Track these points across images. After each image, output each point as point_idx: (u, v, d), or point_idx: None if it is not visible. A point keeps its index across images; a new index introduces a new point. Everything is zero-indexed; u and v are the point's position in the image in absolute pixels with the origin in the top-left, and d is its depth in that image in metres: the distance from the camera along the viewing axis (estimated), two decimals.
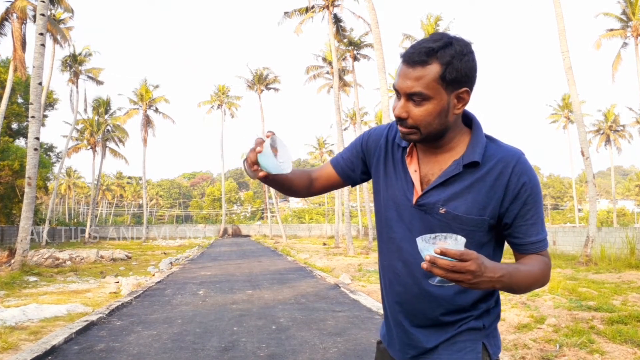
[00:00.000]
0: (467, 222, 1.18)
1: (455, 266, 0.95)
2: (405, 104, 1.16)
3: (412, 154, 1.27)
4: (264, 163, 1.13)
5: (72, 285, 10.48)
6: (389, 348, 1.36)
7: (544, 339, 5.04)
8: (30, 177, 12.46)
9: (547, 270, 1.20)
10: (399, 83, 1.16)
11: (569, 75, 14.48)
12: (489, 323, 1.26)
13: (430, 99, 1.14)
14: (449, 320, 1.24)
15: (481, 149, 1.20)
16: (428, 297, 1.23)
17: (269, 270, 13.39)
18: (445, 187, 1.20)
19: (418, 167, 1.26)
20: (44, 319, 6.37)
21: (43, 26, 12.99)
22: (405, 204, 1.25)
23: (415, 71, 1.13)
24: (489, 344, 1.25)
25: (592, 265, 13.15)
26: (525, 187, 1.18)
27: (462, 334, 1.23)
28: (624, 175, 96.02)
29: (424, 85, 1.12)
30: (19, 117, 31.13)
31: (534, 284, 1.17)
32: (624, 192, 79.12)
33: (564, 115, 45.57)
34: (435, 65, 1.12)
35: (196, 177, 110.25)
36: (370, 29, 17.29)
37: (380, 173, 1.34)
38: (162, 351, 4.84)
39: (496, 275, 1.03)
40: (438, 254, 0.95)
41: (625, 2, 26.45)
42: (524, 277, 1.13)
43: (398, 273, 1.28)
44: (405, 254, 1.25)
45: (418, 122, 1.16)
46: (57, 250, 19.39)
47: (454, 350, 1.22)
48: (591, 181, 14.46)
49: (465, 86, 1.17)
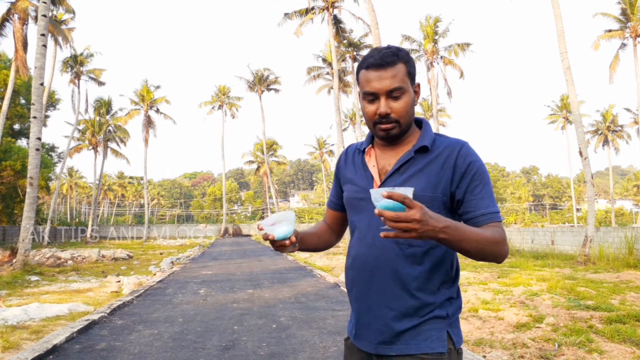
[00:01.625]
0: (422, 200, 1.27)
1: (399, 217, 1.02)
2: (387, 102, 1.31)
3: (370, 153, 1.43)
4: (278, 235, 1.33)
5: (74, 284, 10.52)
6: (357, 341, 1.40)
7: (543, 338, 5.07)
8: (32, 177, 12.51)
9: (500, 237, 1.22)
10: (373, 86, 1.31)
11: (567, 76, 14.51)
12: (451, 312, 1.34)
13: (406, 92, 1.32)
14: (415, 303, 1.31)
15: (430, 138, 1.36)
16: (394, 279, 1.32)
17: (269, 270, 13.43)
18: (400, 173, 1.34)
19: (376, 162, 1.41)
20: (46, 318, 6.41)
21: (44, 27, 13.04)
22: (366, 196, 1.35)
23: (388, 71, 1.30)
24: (453, 333, 1.33)
25: (590, 264, 13.17)
26: (472, 166, 1.31)
27: (427, 323, 1.30)
28: (622, 175, 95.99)
29: (400, 80, 1.30)
30: (21, 118, 31.18)
31: (485, 247, 1.18)
32: (622, 192, 79.09)
33: (563, 116, 45.57)
34: (401, 64, 1.31)
35: (197, 177, 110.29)
36: (370, 30, 17.31)
37: (345, 179, 1.50)
38: (163, 350, 4.88)
39: (440, 225, 1.08)
40: (385, 197, 1.02)
41: (624, 3, 26.46)
42: (472, 234, 1.16)
43: (365, 259, 1.37)
44: (369, 239, 1.36)
45: (400, 115, 1.32)
46: (59, 249, 19.43)
47: (421, 339, 1.29)
48: (589, 181, 14.49)
49: (417, 82, 1.37)
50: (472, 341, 5.05)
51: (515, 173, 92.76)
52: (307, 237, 1.53)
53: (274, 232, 1.31)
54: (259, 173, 53.46)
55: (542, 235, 19.27)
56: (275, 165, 53.76)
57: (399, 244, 1.32)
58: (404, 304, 1.31)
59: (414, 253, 1.31)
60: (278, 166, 55.71)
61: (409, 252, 1.31)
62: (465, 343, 5.00)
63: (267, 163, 46.31)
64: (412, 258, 1.31)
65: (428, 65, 27.62)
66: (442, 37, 27.33)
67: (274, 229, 1.32)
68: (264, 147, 45.76)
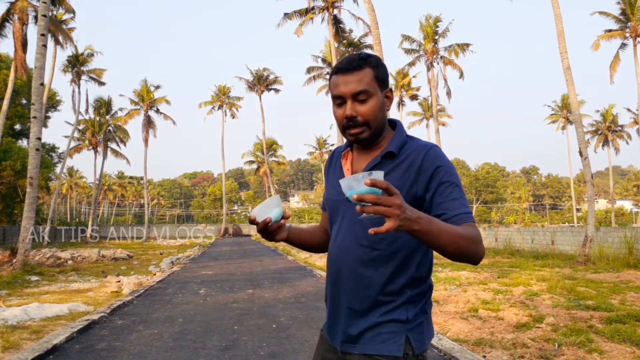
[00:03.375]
0: None
1: (381, 199, 1.02)
2: (353, 105, 1.34)
3: (347, 157, 1.47)
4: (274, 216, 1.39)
5: (74, 284, 10.53)
6: (328, 336, 1.45)
7: (543, 338, 5.08)
8: (32, 177, 12.51)
9: (475, 236, 1.20)
10: (340, 89, 1.34)
11: (567, 76, 14.51)
12: (412, 316, 1.32)
13: (373, 95, 1.34)
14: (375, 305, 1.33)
15: (399, 143, 1.38)
16: (356, 280, 1.35)
17: (269, 270, 13.43)
18: None
19: (351, 166, 1.45)
20: (46, 318, 6.41)
21: (45, 27, 13.04)
22: (339, 200, 1.41)
23: (354, 76, 1.33)
24: (413, 338, 1.31)
25: (590, 264, 13.17)
26: (440, 169, 1.31)
27: (386, 325, 1.31)
28: (622, 175, 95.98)
29: (366, 83, 1.33)
30: (22, 119, 31.19)
31: (460, 243, 1.15)
32: (622, 192, 79.13)
33: (563, 116, 45.57)
34: (368, 69, 1.35)
35: (197, 177, 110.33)
36: (370, 30, 17.31)
37: (327, 183, 1.54)
38: (163, 350, 4.88)
39: (414, 215, 1.07)
40: (368, 184, 1.02)
41: (624, 3, 26.46)
42: (446, 227, 1.14)
43: (334, 260, 1.42)
44: (338, 241, 1.41)
45: (367, 117, 1.34)
46: (59, 249, 19.43)
47: (378, 342, 1.31)
48: (589, 181, 14.49)
49: (389, 87, 1.40)
50: (472, 341, 5.05)
51: (515, 173, 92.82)
52: (300, 231, 1.58)
53: (269, 214, 1.35)
54: (259, 173, 53.47)
55: (542, 235, 19.27)
56: (275, 165, 53.77)
57: (363, 246, 1.35)
58: (365, 305, 1.34)
59: (377, 256, 1.33)
60: (278, 166, 55.71)
61: (372, 255, 1.34)
62: (465, 343, 5.00)
63: (267, 163, 46.33)
64: (374, 261, 1.33)
65: (428, 65, 27.63)
66: (442, 37, 27.34)
67: (269, 212, 1.36)
68: (264, 147, 45.77)
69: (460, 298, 7.63)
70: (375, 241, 1.33)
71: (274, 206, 1.38)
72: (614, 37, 26.97)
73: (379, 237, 1.32)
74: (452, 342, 4.94)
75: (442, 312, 6.64)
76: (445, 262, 15.25)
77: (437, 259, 16.83)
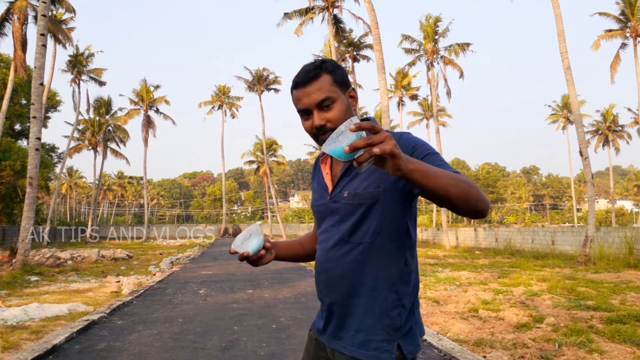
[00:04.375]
0: (366, 196, 1.33)
1: (371, 139, 0.99)
2: (319, 114, 1.35)
3: (326, 162, 1.49)
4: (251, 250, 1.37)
5: (74, 284, 10.52)
6: (321, 334, 1.46)
7: (543, 338, 5.07)
8: (31, 177, 12.50)
9: (473, 182, 1.17)
10: (304, 102, 1.36)
11: (567, 76, 14.51)
12: (404, 320, 1.34)
13: (337, 100, 1.35)
14: (373, 298, 1.33)
15: None
16: (350, 277, 1.35)
17: (269, 270, 13.42)
18: (348, 176, 1.39)
19: (330, 170, 1.47)
20: (45, 318, 6.40)
21: (44, 27, 13.03)
22: (323, 203, 1.45)
23: (313, 86, 1.35)
24: (404, 344, 1.32)
25: (590, 264, 13.17)
26: (416, 147, 1.31)
27: (379, 331, 1.31)
28: (622, 175, 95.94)
29: (327, 90, 1.34)
30: (21, 118, 31.18)
31: (460, 183, 1.12)
32: (623, 192, 79.12)
33: (563, 116, 45.57)
34: (325, 75, 1.36)
35: (197, 177, 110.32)
36: (370, 29, 17.29)
37: (312, 189, 1.56)
38: (163, 350, 4.88)
39: (405, 155, 1.05)
40: (353, 130, 1.00)
41: (624, 3, 26.43)
42: (442, 170, 1.13)
43: (323, 260, 1.43)
44: (325, 242, 1.43)
45: (336, 122, 1.34)
46: (59, 249, 19.42)
47: (371, 348, 1.31)
48: (590, 181, 14.49)
49: (350, 87, 1.41)
50: (472, 341, 5.04)
51: (515, 173, 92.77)
52: (287, 245, 1.58)
53: (248, 249, 1.34)
54: (259, 173, 53.43)
55: (542, 235, 19.26)
56: (275, 165, 53.73)
57: (349, 243, 1.36)
58: (358, 303, 1.35)
59: (364, 250, 1.34)
60: (278, 166, 55.66)
61: (359, 250, 1.34)
62: (466, 343, 4.99)
63: (267, 163, 46.31)
64: (362, 255, 1.34)
65: (428, 65, 27.60)
66: (442, 37, 27.31)
67: (246, 245, 1.35)
68: (264, 147, 45.75)
69: (460, 298, 7.62)
70: (360, 235, 1.34)
71: (254, 236, 1.37)
72: (615, 37, 26.94)
73: (364, 229, 1.33)
74: (453, 343, 4.93)
75: (443, 312, 6.63)
76: (445, 262, 15.25)
77: (437, 259, 16.83)
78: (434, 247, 26.29)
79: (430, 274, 11.29)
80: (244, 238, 1.37)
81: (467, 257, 18.03)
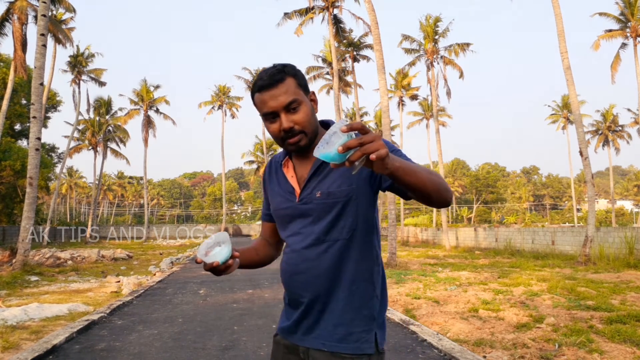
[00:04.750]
0: (341, 194, 1.37)
1: (362, 138, 1.01)
2: (287, 116, 1.36)
3: (288, 165, 1.50)
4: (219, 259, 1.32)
5: (74, 284, 10.52)
6: (291, 335, 1.46)
7: (543, 338, 5.07)
8: (31, 177, 12.50)
9: (438, 174, 1.24)
10: (270, 105, 1.36)
11: (567, 76, 14.51)
12: (378, 310, 1.41)
13: (302, 102, 1.38)
14: (352, 292, 1.38)
15: None
16: (330, 273, 1.38)
17: (269, 270, 13.41)
18: (316, 177, 1.41)
19: (294, 173, 1.48)
20: (45, 318, 6.40)
21: (44, 27, 13.03)
22: (290, 206, 1.45)
23: (279, 89, 1.35)
24: (380, 334, 1.40)
25: (590, 264, 13.17)
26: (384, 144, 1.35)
27: (358, 323, 1.37)
28: (622, 175, 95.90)
29: (293, 93, 1.36)
30: (21, 118, 31.18)
31: (433, 177, 1.18)
32: (623, 192, 79.10)
33: (563, 116, 45.54)
34: (290, 78, 1.37)
35: (197, 177, 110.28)
36: (370, 29, 17.29)
37: (270, 193, 1.56)
38: (163, 350, 4.88)
39: (391, 155, 1.08)
40: (345, 131, 1.02)
41: (623, 3, 26.43)
42: (419, 166, 1.18)
43: (297, 262, 1.43)
44: (300, 243, 1.43)
45: (303, 125, 1.37)
46: (59, 250, 19.42)
47: (352, 341, 1.35)
48: (590, 181, 14.49)
49: (310, 90, 1.44)
50: (472, 341, 5.04)
51: (515, 173, 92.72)
52: (245, 252, 1.56)
53: (217, 259, 1.30)
54: (259, 173, 53.46)
55: (542, 235, 19.26)
56: None
57: (326, 241, 1.39)
58: (338, 298, 1.38)
59: (342, 246, 1.38)
60: None
61: (337, 246, 1.38)
62: (466, 343, 4.99)
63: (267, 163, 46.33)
64: (341, 251, 1.38)
65: (428, 65, 27.60)
66: (442, 37, 27.31)
67: (215, 255, 1.30)
68: (264, 147, 45.77)
69: (460, 298, 7.62)
70: (336, 233, 1.38)
71: (225, 245, 1.32)
72: (615, 37, 26.94)
73: (340, 226, 1.37)
74: (453, 343, 4.93)
75: (442, 312, 6.63)
76: (445, 262, 15.25)
77: (437, 259, 16.83)
78: (434, 247, 26.29)
79: (430, 274, 11.29)
80: (208, 246, 1.32)
81: (467, 257, 18.04)
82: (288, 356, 1.46)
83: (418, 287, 9.02)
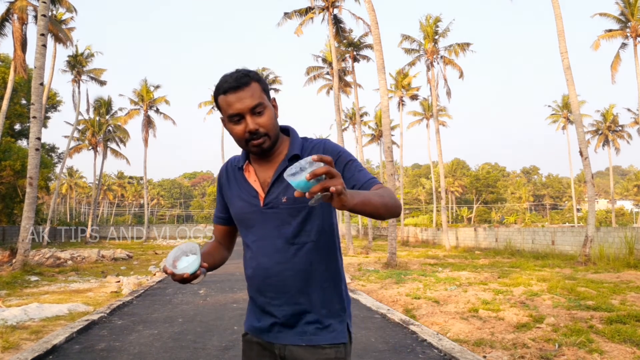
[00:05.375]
0: (306, 200, 1.38)
1: (330, 170, 1.06)
2: (252, 119, 1.40)
3: (249, 170, 1.52)
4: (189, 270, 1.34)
5: (74, 284, 10.52)
6: (264, 334, 1.49)
7: (543, 338, 5.07)
8: (31, 177, 12.49)
9: (390, 191, 1.35)
10: (236, 107, 1.39)
11: (567, 76, 14.51)
12: (347, 302, 1.51)
13: (267, 106, 1.42)
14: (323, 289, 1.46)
15: (299, 145, 1.50)
16: (301, 274, 1.44)
17: None
18: (280, 182, 1.45)
19: (256, 177, 1.50)
20: (45, 318, 6.40)
21: (44, 27, 13.02)
22: (254, 210, 1.48)
23: (245, 92, 1.39)
24: (349, 324, 1.51)
25: (590, 265, 13.17)
26: (341, 154, 1.47)
27: (333, 317, 1.46)
28: (622, 175, 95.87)
29: (258, 97, 1.41)
30: (21, 118, 31.18)
31: (386, 199, 1.28)
32: (623, 192, 79.09)
33: (563, 116, 45.53)
34: (255, 83, 1.42)
35: (197, 177, 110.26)
36: (370, 29, 17.29)
37: (229, 196, 1.58)
38: (163, 350, 4.88)
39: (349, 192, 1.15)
40: (316, 160, 1.07)
41: (623, 3, 26.43)
42: (371, 194, 1.27)
43: (267, 266, 1.46)
44: (268, 247, 1.47)
45: (267, 128, 1.42)
46: (59, 250, 19.41)
47: (329, 332, 1.44)
48: (590, 181, 14.49)
49: (272, 97, 1.50)
50: (472, 341, 5.04)
51: (515, 173, 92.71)
52: (203, 258, 1.58)
53: (188, 270, 1.32)
54: None
55: (542, 235, 19.26)
56: None
57: (295, 244, 1.44)
58: (312, 298, 1.45)
59: (312, 248, 1.45)
60: None
61: (306, 249, 1.45)
62: (466, 343, 4.99)
63: None
64: (310, 253, 1.45)
65: (428, 65, 27.61)
66: (442, 37, 27.31)
67: (187, 267, 1.31)
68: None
69: (460, 298, 7.62)
70: (304, 236, 1.44)
71: (196, 256, 1.33)
72: (615, 37, 26.93)
73: (308, 229, 1.44)
74: (453, 343, 4.93)
75: (443, 312, 6.63)
76: (445, 262, 15.25)
77: (437, 259, 16.83)
78: (434, 247, 26.30)
79: (430, 274, 11.29)
80: (175, 256, 1.33)
81: (467, 257, 18.04)
82: (263, 353, 1.50)
83: (418, 287, 9.02)
